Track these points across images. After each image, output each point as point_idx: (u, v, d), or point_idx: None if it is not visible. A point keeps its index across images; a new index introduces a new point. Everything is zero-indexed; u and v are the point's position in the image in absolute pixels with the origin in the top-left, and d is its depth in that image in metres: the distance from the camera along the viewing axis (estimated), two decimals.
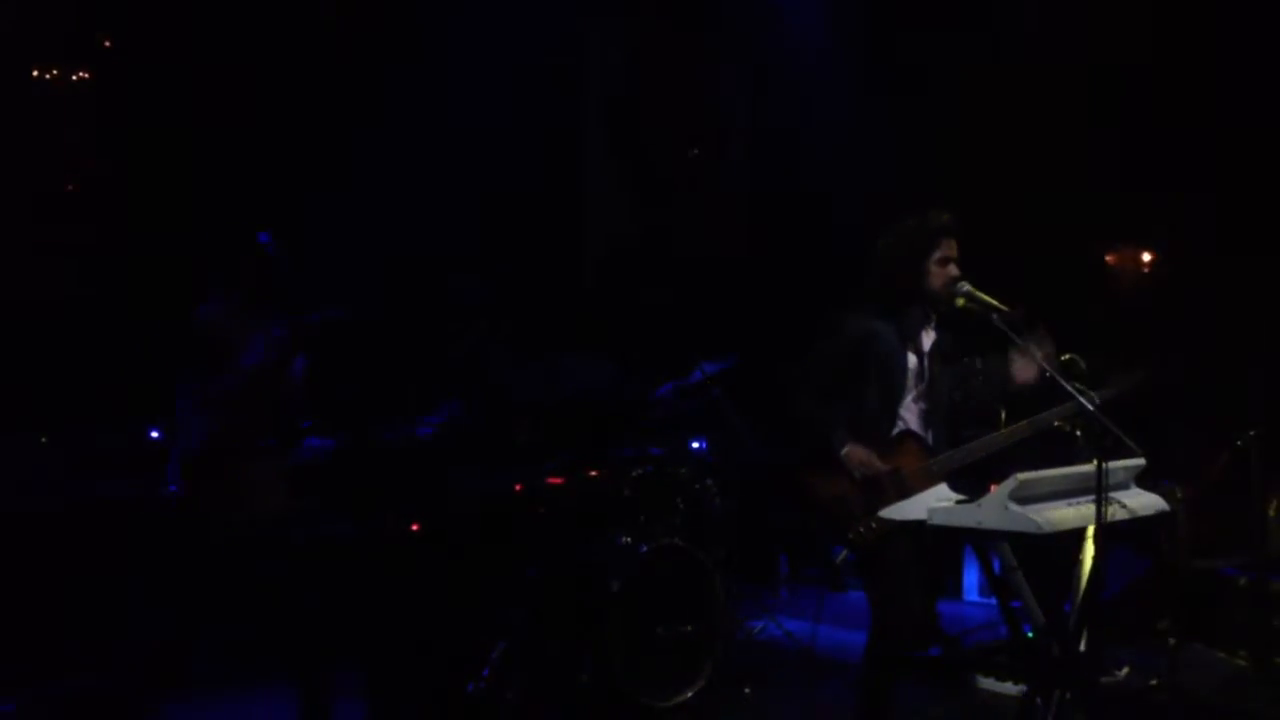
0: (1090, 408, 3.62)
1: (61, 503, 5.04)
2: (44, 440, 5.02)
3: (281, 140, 6.10)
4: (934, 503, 3.93)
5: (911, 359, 4.15)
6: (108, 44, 5.92)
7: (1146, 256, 7.45)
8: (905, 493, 4.00)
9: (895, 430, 4.12)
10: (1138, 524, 3.84)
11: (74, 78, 5.86)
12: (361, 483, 4.72)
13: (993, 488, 3.75)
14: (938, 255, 4.08)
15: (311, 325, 4.05)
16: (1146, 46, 6.62)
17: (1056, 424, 5.25)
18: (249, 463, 4.08)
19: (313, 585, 4.07)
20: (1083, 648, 3.87)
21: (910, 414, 4.18)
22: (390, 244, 6.05)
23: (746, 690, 5.26)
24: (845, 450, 4.04)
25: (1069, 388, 3.77)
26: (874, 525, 4.01)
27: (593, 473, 5.37)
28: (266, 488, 4.11)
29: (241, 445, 4.06)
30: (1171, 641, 5.04)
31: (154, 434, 5.30)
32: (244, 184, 6.06)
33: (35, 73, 5.79)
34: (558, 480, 5.26)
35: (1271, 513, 5.60)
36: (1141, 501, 3.86)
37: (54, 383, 5.44)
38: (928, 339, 4.20)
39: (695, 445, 6.16)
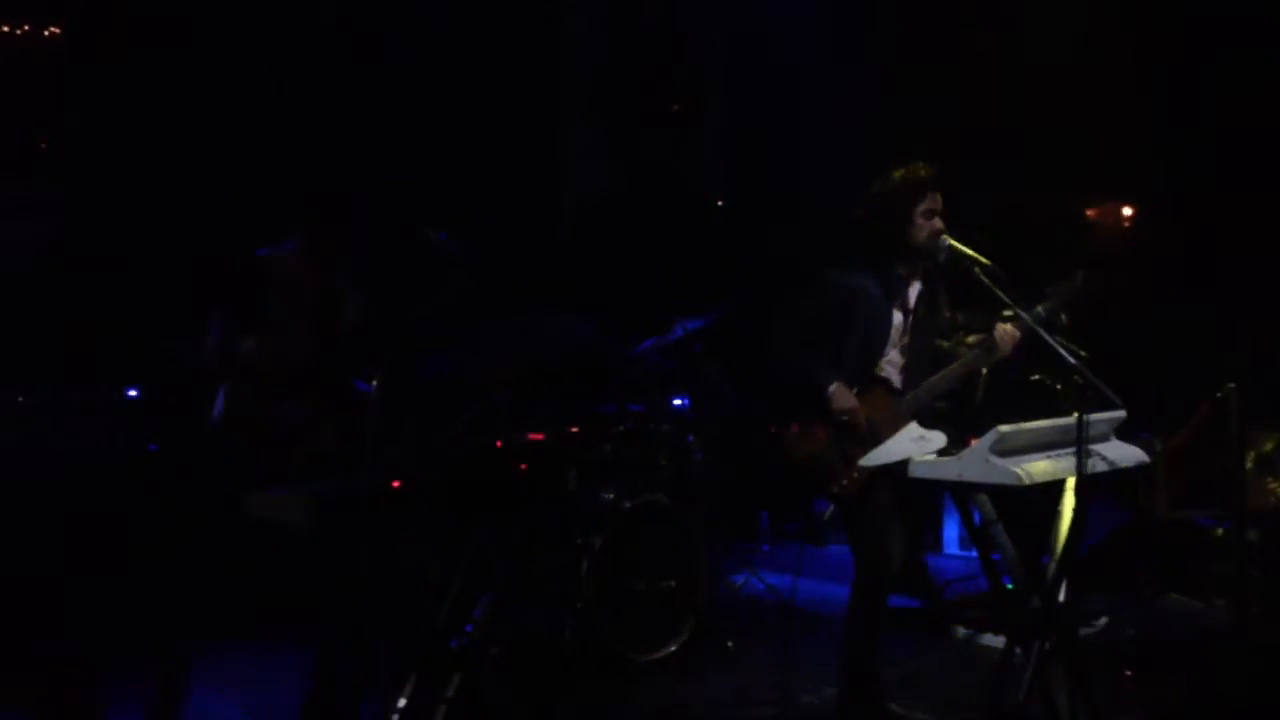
0: (1073, 361, 3.62)
1: (43, 459, 5.00)
2: (20, 398, 4.96)
3: (254, 94, 6.02)
4: (908, 443, 3.96)
5: (897, 315, 4.15)
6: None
7: (1127, 211, 7.44)
8: (878, 439, 4.02)
9: (868, 381, 4.13)
10: (1117, 476, 3.86)
11: (45, 34, 5.77)
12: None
13: (973, 441, 3.77)
14: (922, 208, 4.08)
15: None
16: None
17: (1036, 377, 5.29)
18: None
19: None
20: (1062, 599, 3.90)
21: (892, 368, 4.19)
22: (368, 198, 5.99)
23: (729, 644, 5.30)
24: (833, 388, 4.04)
25: (1053, 342, 3.77)
26: (855, 475, 4.03)
27: (574, 429, 5.36)
28: None
29: None
30: (1149, 592, 5.08)
31: (131, 392, 5.25)
32: (216, 138, 5.99)
33: (5, 28, 5.70)
34: (538, 437, 5.25)
35: (1249, 465, 5.65)
36: (1121, 453, 3.88)
37: (28, 339, 5.39)
38: (913, 293, 4.20)
39: (676, 402, 6.15)
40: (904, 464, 3.87)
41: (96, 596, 4.88)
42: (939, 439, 3.96)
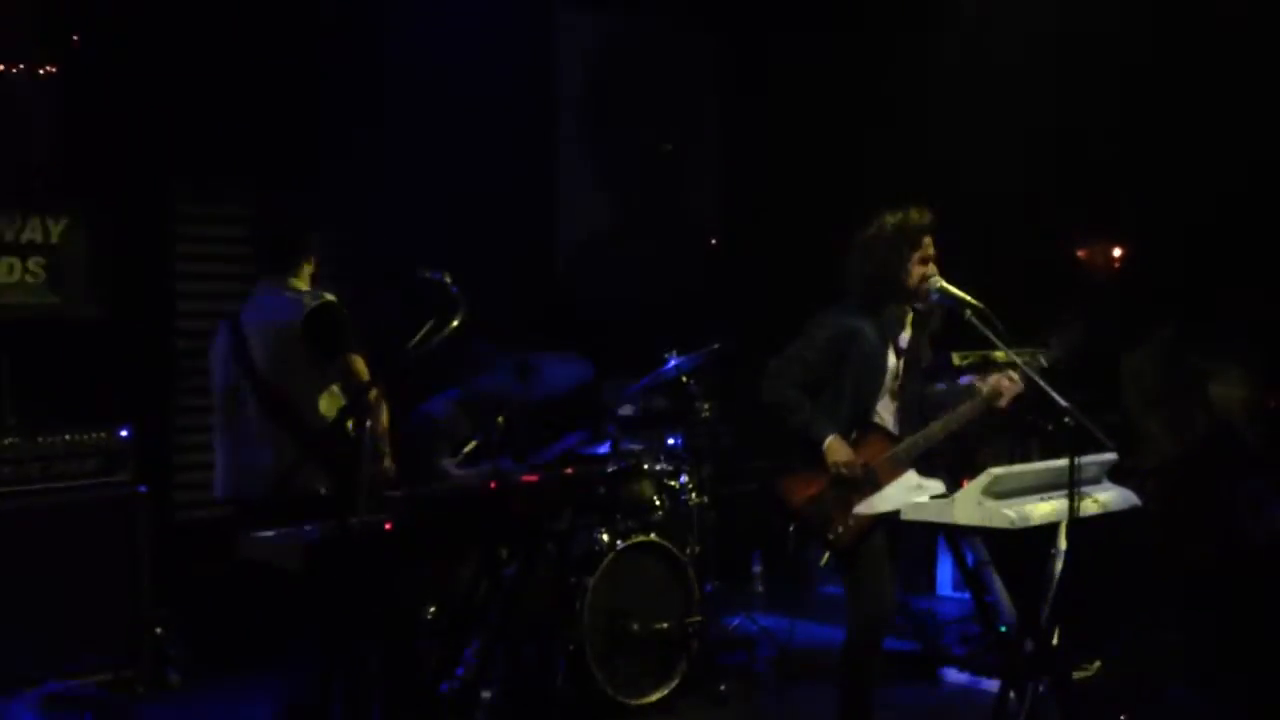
0: (1065, 404, 3.64)
1: (38, 501, 4.99)
2: (13, 441, 4.96)
3: (250, 135, 6.06)
4: (906, 491, 3.96)
5: (891, 360, 4.17)
6: (75, 39, 5.88)
7: (1117, 252, 7.48)
8: (876, 486, 4.02)
9: (863, 426, 4.14)
10: (1110, 518, 3.87)
11: (41, 72, 5.81)
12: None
13: (966, 483, 3.78)
14: (919, 255, 4.10)
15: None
16: (1122, 43, 6.65)
17: (1029, 419, 5.30)
18: None
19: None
20: (1056, 642, 3.89)
21: (886, 412, 4.20)
22: (360, 240, 6.03)
23: (722, 687, 5.27)
24: (829, 441, 4.04)
25: (1043, 384, 3.78)
26: (851, 523, 4.03)
27: (568, 470, 5.35)
28: None
29: None
30: (1144, 634, 5.07)
31: (123, 433, 5.25)
32: (212, 179, 6.02)
33: (1, 68, 5.74)
34: (532, 478, 5.24)
35: (1243, 509, 5.64)
36: (1113, 496, 3.89)
37: (22, 383, 5.39)
38: (905, 337, 4.22)
39: (670, 441, 6.15)
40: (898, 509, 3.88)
41: None
42: (936, 488, 3.96)
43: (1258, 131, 6.10)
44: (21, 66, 5.77)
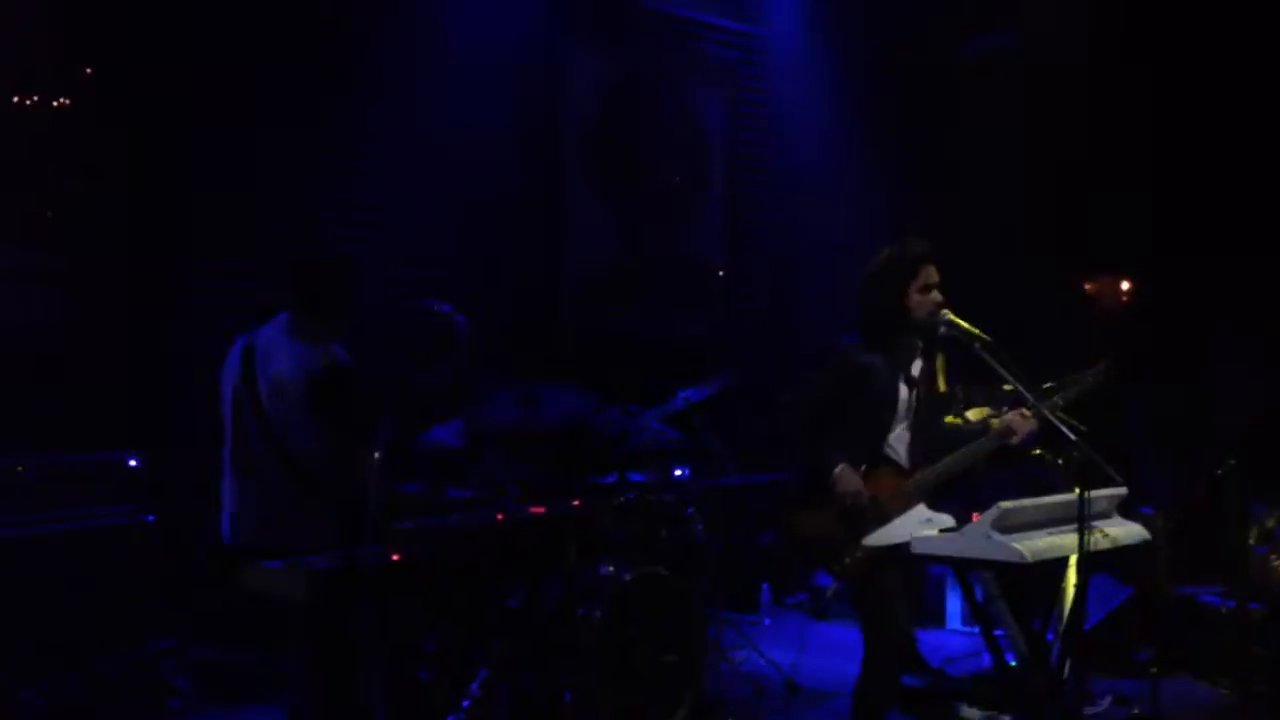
0: (1074, 438, 3.63)
1: (45, 529, 4.99)
2: (20, 469, 4.96)
3: (259, 172, 6.10)
4: (915, 525, 3.95)
5: (904, 391, 4.17)
6: (89, 72, 5.93)
7: (1125, 285, 7.49)
8: (885, 518, 4.01)
9: (875, 459, 4.13)
10: (1119, 553, 3.86)
11: (55, 104, 5.86)
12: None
13: (975, 517, 3.77)
14: (918, 284, 4.11)
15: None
16: (1127, 79, 6.69)
17: (1038, 452, 5.30)
18: None
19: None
20: (1066, 677, 3.87)
21: (899, 443, 4.19)
22: (366, 270, 6.05)
23: None
24: (837, 471, 4.04)
25: (1053, 419, 3.78)
26: (859, 555, 4.02)
27: (574, 502, 5.34)
28: None
29: None
30: (1153, 670, 5.04)
31: (131, 462, 5.25)
32: (222, 208, 6.05)
33: (16, 99, 5.78)
34: (539, 510, 5.23)
35: (1251, 541, 5.62)
36: (1123, 530, 3.88)
37: (27, 410, 5.40)
38: (916, 368, 4.23)
39: (678, 473, 6.14)
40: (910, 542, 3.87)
41: None
42: (946, 521, 3.96)
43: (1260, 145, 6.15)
44: (37, 98, 5.82)
